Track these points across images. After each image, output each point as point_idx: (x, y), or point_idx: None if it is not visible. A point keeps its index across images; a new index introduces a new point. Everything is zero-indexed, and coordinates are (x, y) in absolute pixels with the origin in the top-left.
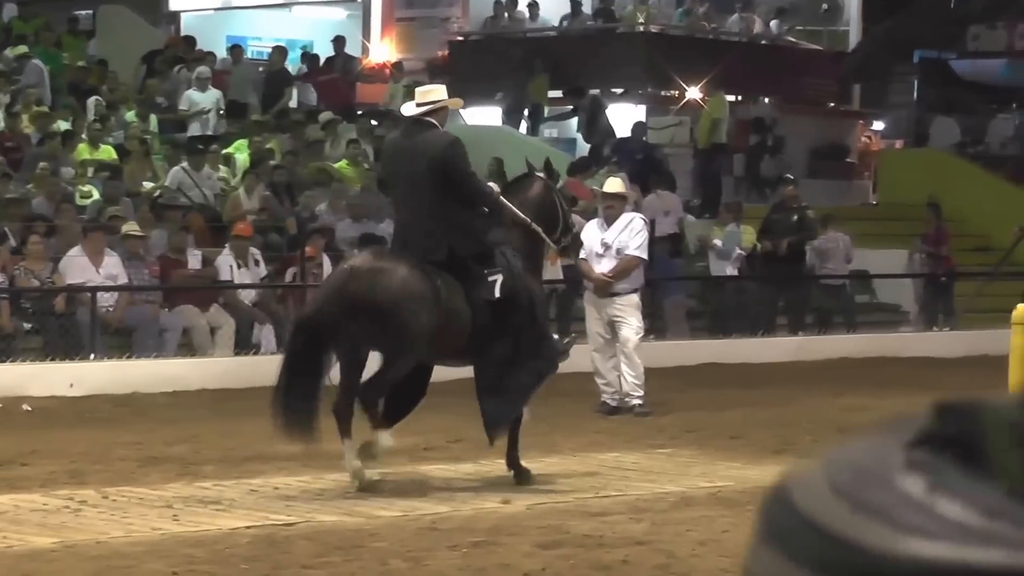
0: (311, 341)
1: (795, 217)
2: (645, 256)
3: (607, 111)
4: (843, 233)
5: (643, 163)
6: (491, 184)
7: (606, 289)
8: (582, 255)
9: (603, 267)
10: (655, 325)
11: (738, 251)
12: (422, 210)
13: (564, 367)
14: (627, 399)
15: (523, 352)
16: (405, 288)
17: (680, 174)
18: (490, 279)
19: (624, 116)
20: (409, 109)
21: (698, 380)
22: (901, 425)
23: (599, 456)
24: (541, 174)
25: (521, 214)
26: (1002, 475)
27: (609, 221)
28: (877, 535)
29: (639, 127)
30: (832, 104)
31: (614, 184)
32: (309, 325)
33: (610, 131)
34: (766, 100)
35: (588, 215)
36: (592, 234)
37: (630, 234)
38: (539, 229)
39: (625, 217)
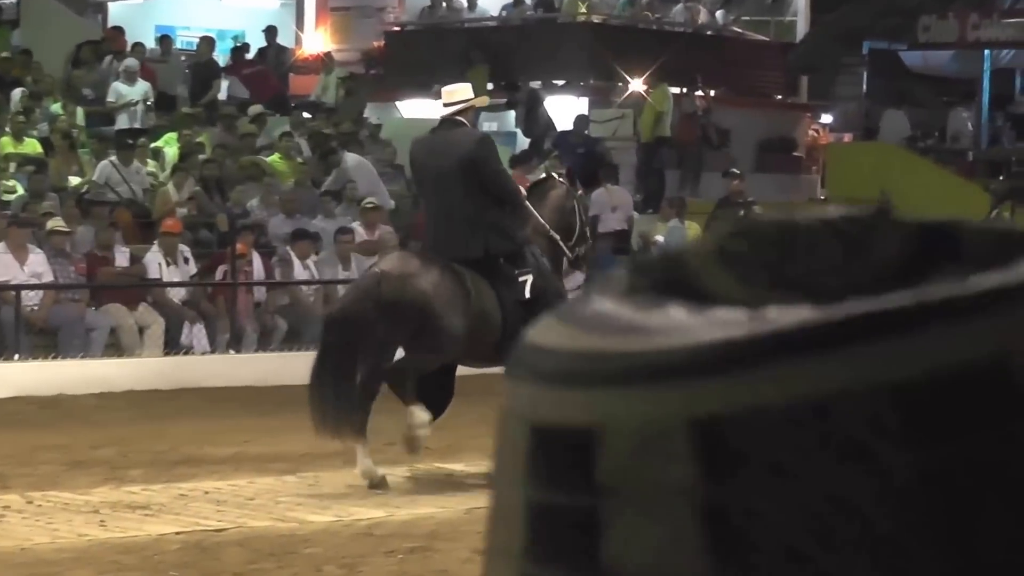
0: (343, 336)
1: (741, 213)
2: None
3: (546, 104)
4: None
5: (585, 157)
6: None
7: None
8: None
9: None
10: None
11: None
12: (454, 209)
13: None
14: None
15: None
16: (437, 291)
17: (623, 168)
18: (520, 279)
19: (566, 109)
20: (437, 110)
21: None
22: (613, 280)
23: None
24: (563, 180)
25: (540, 219)
26: (706, 289)
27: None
28: (647, 341)
29: (581, 120)
30: (779, 96)
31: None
32: (341, 320)
33: (550, 124)
34: (711, 93)
35: None
36: None
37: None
38: (556, 236)
39: None
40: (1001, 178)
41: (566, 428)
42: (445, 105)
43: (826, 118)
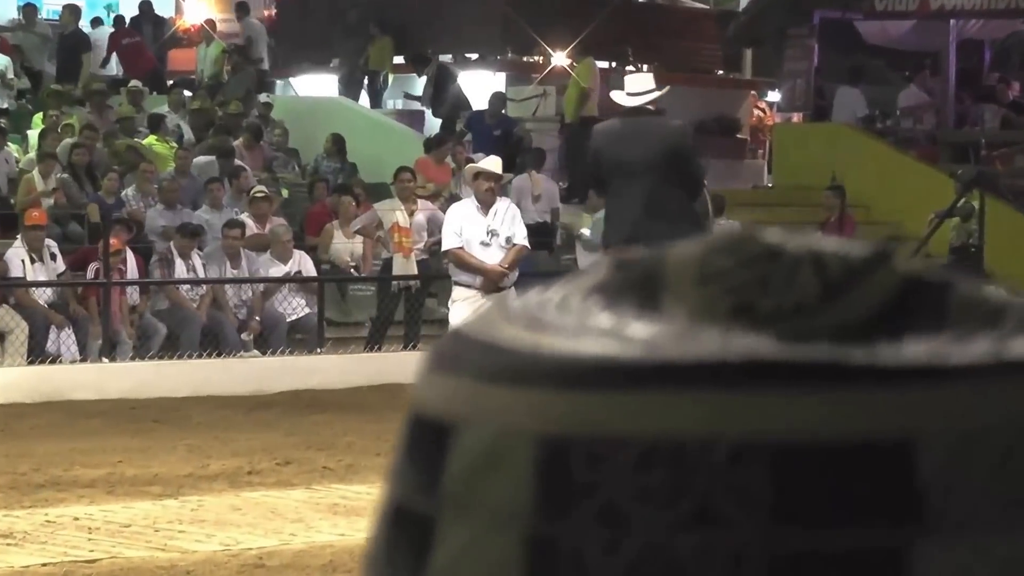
0: None
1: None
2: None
3: (458, 80)
4: (732, 221)
5: (502, 140)
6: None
7: (499, 283)
8: (457, 244)
9: (489, 258)
10: None
11: None
12: (653, 197)
13: (409, 378)
14: None
15: None
16: None
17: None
18: None
19: (480, 86)
20: (620, 98)
21: None
22: (579, 277)
23: None
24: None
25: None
26: (681, 308)
27: (487, 206)
28: (540, 340)
29: (497, 98)
30: (719, 72)
31: (495, 163)
32: None
33: (462, 103)
34: (643, 68)
35: (446, 202)
36: (471, 220)
37: (513, 221)
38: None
39: (502, 202)
40: (969, 163)
41: (429, 417)
42: (630, 94)
43: (772, 96)
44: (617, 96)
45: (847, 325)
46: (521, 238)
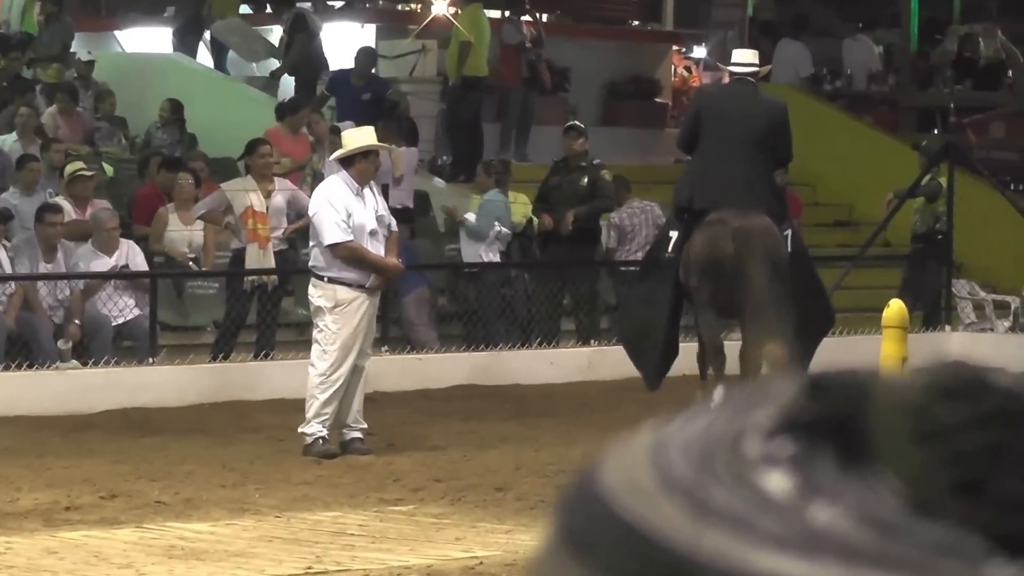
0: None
1: (585, 180)
2: None
3: (320, 33)
4: (651, 202)
5: (372, 105)
6: None
7: (390, 281)
8: (348, 236)
9: (376, 250)
10: (389, 333)
11: (499, 229)
12: (749, 164)
13: (261, 394)
14: (346, 431)
15: (805, 305)
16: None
17: (424, 120)
18: (785, 233)
19: (345, 39)
20: (726, 69)
21: (449, 408)
22: (756, 401)
23: (312, 517)
24: None
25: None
26: (891, 472)
27: (363, 185)
28: (727, 548)
29: (365, 55)
30: (635, 23)
31: (367, 135)
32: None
33: (322, 60)
34: (543, 18)
35: (315, 179)
36: (354, 206)
37: (383, 202)
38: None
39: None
40: (934, 132)
41: None
42: (735, 64)
43: (698, 52)
44: (723, 67)
45: None
46: (395, 223)
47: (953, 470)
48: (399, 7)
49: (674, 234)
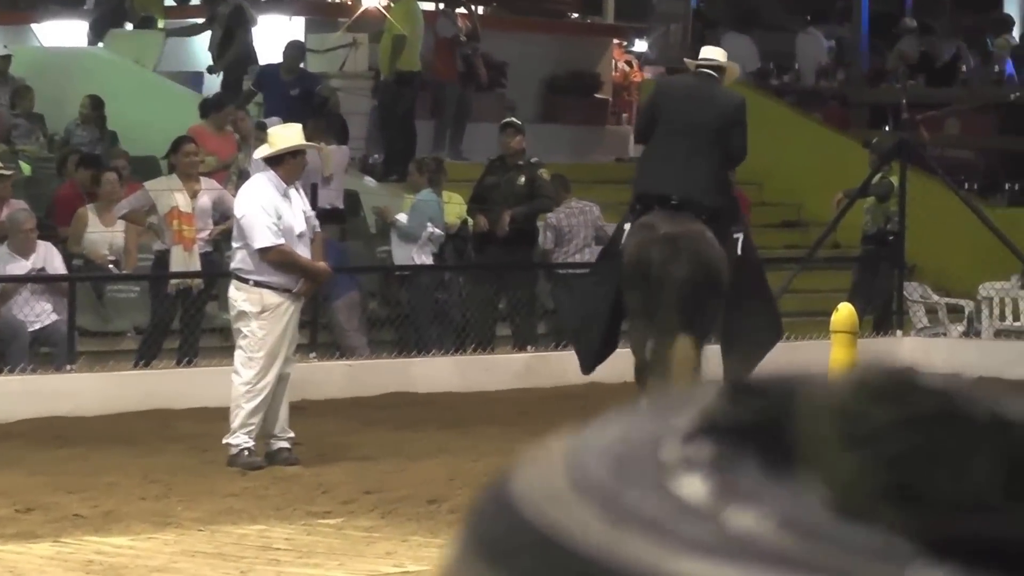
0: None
1: (522, 179)
2: None
3: (253, 26)
4: (590, 203)
5: (301, 101)
6: None
7: (318, 286)
8: (278, 240)
9: (304, 252)
10: (318, 338)
11: (432, 230)
12: (698, 157)
13: (185, 402)
14: (273, 441)
15: (752, 313)
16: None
17: (355, 117)
18: (735, 236)
19: (273, 33)
20: (690, 62)
21: (381, 416)
22: (676, 405)
23: (237, 530)
24: None
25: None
26: (818, 476)
27: (290, 184)
28: (640, 551)
29: (294, 49)
30: (575, 16)
31: (294, 133)
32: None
33: (250, 55)
34: (479, 11)
35: (240, 178)
36: (282, 205)
37: (308, 203)
38: None
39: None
40: (886, 129)
41: None
42: (702, 59)
43: (640, 46)
44: (688, 62)
45: None
46: (318, 224)
47: (882, 473)
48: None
49: (628, 225)
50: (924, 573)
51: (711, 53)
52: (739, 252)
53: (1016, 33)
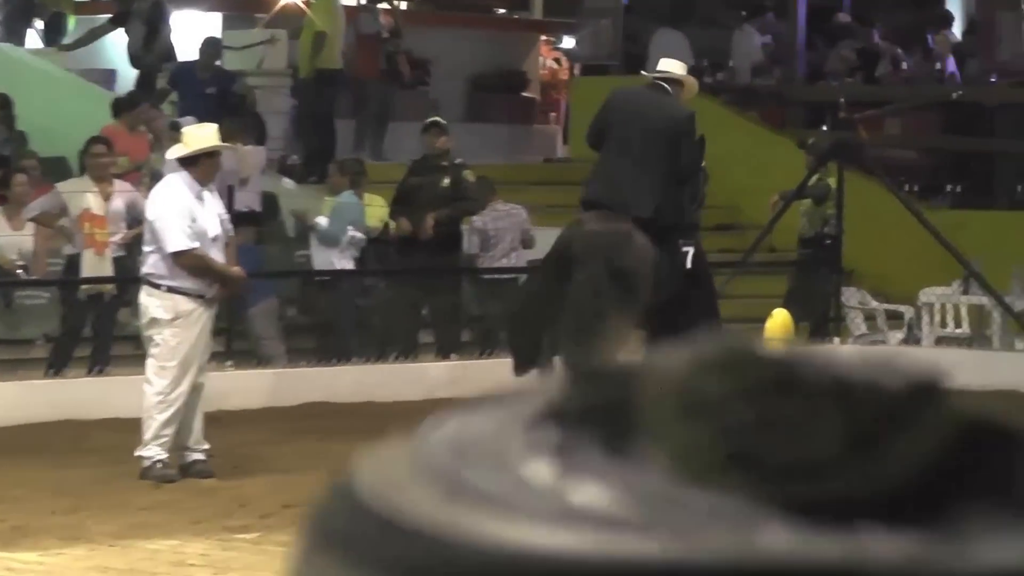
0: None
1: (446, 181)
2: None
3: (169, 20)
4: (517, 206)
5: (217, 100)
6: None
7: (233, 292)
8: (192, 243)
9: (218, 257)
10: (234, 346)
11: (353, 234)
12: (641, 168)
13: (98, 412)
14: (187, 453)
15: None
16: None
17: (273, 116)
18: (683, 249)
19: (189, 29)
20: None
21: (301, 427)
22: (521, 396)
23: (150, 545)
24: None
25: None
26: (660, 450)
27: (204, 186)
28: (479, 524)
29: (211, 46)
30: (501, 11)
31: (214, 132)
32: None
33: (167, 51)
34: (402, 5)
35: (153, 180)
36: (196, 207)
37: (222, 206)
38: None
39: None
40: (824, 128)
41: None
42: (659, 71)
43: (569, 42)
44: (645, 74)
45: (886, 493)
46: (232, 227)
47: (722, 442)
48: None
49: None
50: (763, 531)
51: (667, 65)
52: (687, 266)
53: (958, 31)
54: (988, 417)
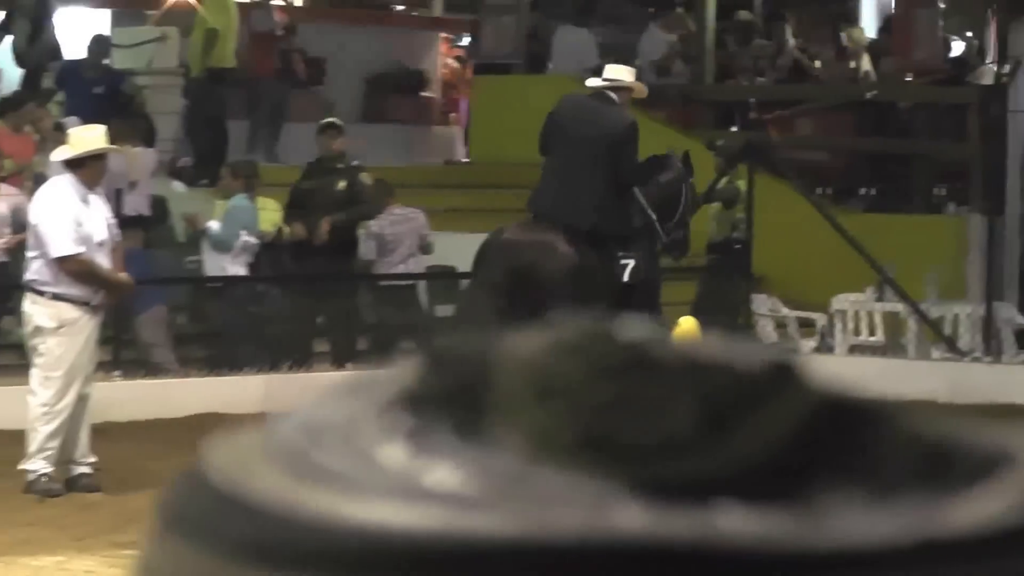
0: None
1: (342, 184)
2: None
3: (55, 16)
4: (416, 209)
5: (105, 100)
6: None
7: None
8: (77, 248)
9: (104, 262)
10: (122, 355)
11: (246, 239)
12: (581, 177)
13: None
14: (73, 467)
15: None
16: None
17: (163, 117)
18: (623, 262)
19: (76, 26)
20: (593, 82)
21: (190, 439)
22: (377, 382)
23: (34, 561)
24: (680, 163)
25: (641, 197)
26: (514, 432)
27: (91, 189)
28: (326, 502)
29: (98, 44)
30: (400, 7)
31: (102, 134)
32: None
33: (53, 48)
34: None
35: (36, 183)
36: (82, 211)
37: (108, 210)
38: (653, 216)
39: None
40: (733, 129)
41: None
42: (605, 79)
43: (469, 40)
44: (591, 81)
45: (740, 472)
46: (118, 232)
47: (576, 423)
48: None
49: None
50: (616, 508)
51: (614, 73)
52: (625, 279)
53: (873, 29)
54: (844, 395)
